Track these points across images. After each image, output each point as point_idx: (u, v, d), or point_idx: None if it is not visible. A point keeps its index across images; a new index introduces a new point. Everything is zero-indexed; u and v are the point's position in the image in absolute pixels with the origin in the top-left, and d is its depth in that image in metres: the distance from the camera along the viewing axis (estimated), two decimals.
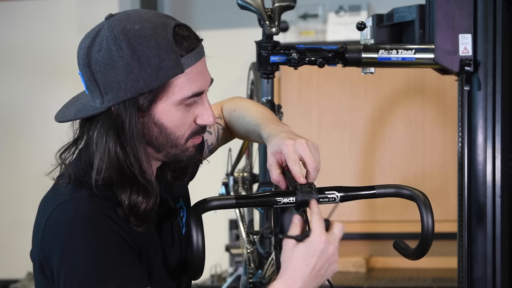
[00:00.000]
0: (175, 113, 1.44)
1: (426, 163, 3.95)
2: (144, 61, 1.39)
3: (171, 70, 1.41)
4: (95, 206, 1.41)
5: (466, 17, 2.09)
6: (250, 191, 2.74)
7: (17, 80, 4.48)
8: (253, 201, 1.48)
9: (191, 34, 1.46)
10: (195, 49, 1.45)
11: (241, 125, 1.73)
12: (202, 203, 1.42)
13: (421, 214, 1.43)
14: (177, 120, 1.45)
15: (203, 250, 1.40)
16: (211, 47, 4.67)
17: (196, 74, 1.44)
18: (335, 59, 2.08)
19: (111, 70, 1.40)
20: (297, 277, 1.38)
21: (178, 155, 1.48)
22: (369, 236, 4.04)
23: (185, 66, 1.42)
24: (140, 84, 1.39)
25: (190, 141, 1.48)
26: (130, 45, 1.39)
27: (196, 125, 1.48)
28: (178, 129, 1.46)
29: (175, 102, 1.43)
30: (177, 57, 1.41)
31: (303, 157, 1.47)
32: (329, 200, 1.44)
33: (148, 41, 1.40)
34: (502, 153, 2.10)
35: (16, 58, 4.49)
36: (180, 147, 1.47)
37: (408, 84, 3.97)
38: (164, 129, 1.45)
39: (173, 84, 1.42)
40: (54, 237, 1.40)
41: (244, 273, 2.48)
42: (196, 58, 1.45)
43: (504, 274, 2.10)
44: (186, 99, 1.44)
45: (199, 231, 1.38)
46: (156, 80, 1.40)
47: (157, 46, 1.40)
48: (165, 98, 1.42)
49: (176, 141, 1.46)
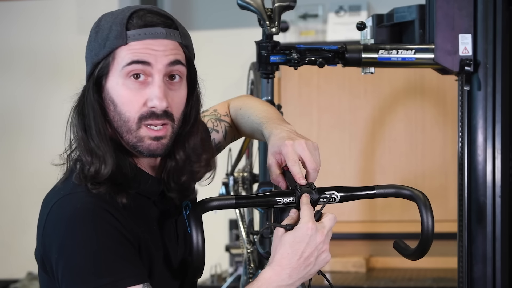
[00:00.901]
0: (122, 87, 1.45)
1: (426, 163, 3.95)
2: (99, 33, 1.47)
3: (114, 40, 1.44)
4: (95, 200, 1.42)
5: (466, 17, 2.09)
6: (250, 191, 2.74)
7: (18, 80, 4.48)
8: (253, 201, 1.49)
9: (153, 16, 1.47)
10: (150, 27, 1.45)
11: (246, 124, 1.73)
12: (202, 203, 1.42)
13: (421, 214, 1.43)
14: (125, 96, 1.45)
15: (203, 250, 1.40)
16: (211, 47, 4.73)
17: (142, 48, 1.44)
18: (335, 59, 2.08)
19: (87, 46, 1.49)
20: (285, 263, 1.39)
21: (136, 144, 1.46)
22: (369, 236, 4.04)
23: (130, 39, 1.44)
24: (92, 54, 1.46)
25: (144, 129, 1.46)
26: (98, 20, 1.48)
27: (147, 109, 1.45)
28: (126, 108, 1.45)
29: (119, 73, 1.45)
30: (123, 29, 1.44)
31: (303, 157, 1.47)
32: (329, 200, 1.44)
33: (110, 16, 1.47)
34: (502, 153, 2.10)
35: (16, 58, 4.49)
36: (134, 133, 1.46)
37: (408, 84, 3.97)
38: (115, 106, 1.46)
39: (117, 55, 1.45)
40: (53, 231, 1.41)
41: (244, 273, 2.48)
42: (149, 36, 1.45)
43: (504, 274, 2.10)
44: (126, 67, 1.44)
45: (199, 231, 1.38)
46: (103, 49, 1.45)
47: (113, 21, 1.46)
48: (113, 70, 1.45)
49: (128, 124, 1.46)
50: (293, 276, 1.40)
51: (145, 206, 1.51)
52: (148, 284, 1.39)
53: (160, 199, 1.54)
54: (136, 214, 1.47)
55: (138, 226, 1.46)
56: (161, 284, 1.50)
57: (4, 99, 4.52)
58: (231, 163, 2.83)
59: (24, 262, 4.08)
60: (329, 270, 3.87)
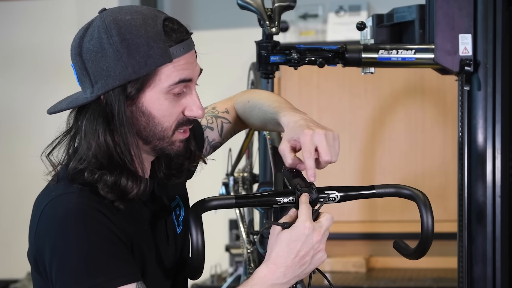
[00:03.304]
0: (163, 102, 1.46)
1: (426, 163, 3.95)
2: (133, 48, 1.42)
3: (160, 58, 1.43)
4: (86, 200, 1.42)
5: (466, 17, 2.09)
6: (250, 191, 2.74)
7: (18, 80, 4.48)
8: (253, 201, 1.49)
9: (181, 27, 1.48)
10: (184, 41, 1.47)
11: (257, 115, 1.72)
12: (202, 203, 1.42)
13: (421, 214, 1.43)
14: (165, 109, 1.46)
15: (203, 250, 1.40)
16: (211, 47, 4.72)
17: (184, 63, 1.46)
18: (335, 59, 2.09)
19: (101, 58, 1.43)
20: (280, 262, 1.39)
21: (165, 148, 1.49)
22: (369, 236, 4.04)
23: (174, 56, 1.44)
24: (129, 71, 1.42)
25: (177, 134, 1.49)
26: (120, 33, 1.42)
27: (184, 116, 1.49)
28: (165, 119, 1.47)
29: (163, 90, 1.45)
30: (166, 46, 1.43)
31: (319, 147, 1.45)
32: (329, 200, 1.44)
33: (138, 30, 1.43)
34: (502, 153, 2.10)
35: (16, 58, 4.49)
36: (167, 140, 1.48)
37: (408, 84, 3.97)
38: (152, 119, 1.46)
39: (161, 72, 1.44)
40: (46, 232, 1.42)
41: (244, 273, 2.48)
42: (185, 50, 1.47)
43: (504, 274, 2.10)
44: (174, 86, 1.45)
45: (199, 231, 1.38)
46: (145, 67, 1.42)
47: (147, 35, 1.43)
48: (153, 86, 1.44)
49: (163, 133, 1.47)
50: (288, 275, 1.40)
51: (136, 207, 1.52)
52: (141, 283, 1.40)
53: (150, 200, 1.55)
54: (128, 215, 1.48)
55: (130, 226, 1.47)
56: (154, 284, 1.51)
57: (5, 99, 4.52)
58: (231, 163, 2.83)
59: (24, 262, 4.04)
60: (329, 270, 3.87)
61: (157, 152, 1.51)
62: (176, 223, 1.63)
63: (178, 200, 1.65)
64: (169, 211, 1.59)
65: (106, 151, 1.45)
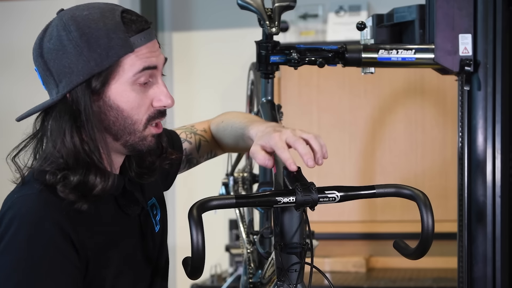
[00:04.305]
0: (130, 93, 1.45)
1: (426, 163, 3.95)
2: (93, 41, 1.42)
3: (121, 49, 1.43)
4: (38, 204, 1.43)
5: (466, 17, 2.09)
6: (250, 191, 2.74)
7: (18, 80, 4.48)
8: (253, 201, 1.48)
9: (139, 18, 1.48)
10: (145, 30, 1.47)
11: (229, 134, 1.75)
12: (202, 203, 1.42)
13: (421, 214, 1.43)
14: (133, 101, 1.46)
15: (203, 250, 1.40)
16: (211, 47, 4.70)
17: (147, 52, 1.46)
18: (335, 59, 2.08)
19: (62, 55, 1.43)
20: None
21: (137, 143, 1.49)
22: (369, 236, 4.04)
23: (135, 45, 1.44)
24: (91, 65, 1.42)
25: (149, 129, 1.49)
26: (79, 28, 1.43)
27: (154, 109, 1.48)
28: (135, 112, 1.46)
29: (128, 81, 1.44)
30: (126, 37, 1.43)
31: (291, 144, 1.45)
32: (329, 199, 1.44)
33: (96, 23, 1.43)
34: (502, 153, 2.10)
35: (16, 58, 4.49)
36: (139, 134, 1.48)
37: (408, 84, 3.97)
38: (121, 112, 1.46)
39: (124, 62, 1.44)
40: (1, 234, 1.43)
41: (244, 273, 2.48)
42: (146, 39, 1.47)
43: (504, 274, 2.10)
44: (139, 75, 1.45)
45: (199, 231, 1.38)
46: (107, 59, 1.42)
47: (106, 27, 1.43)
48: (117, 77, 1.44)
49: (134, 126, 1.47)
50: None
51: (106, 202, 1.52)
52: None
53: (121, 195, 1.55)
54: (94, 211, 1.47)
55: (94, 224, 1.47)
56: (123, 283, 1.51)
57: (4, 99, 4.52)
58: (231, 163, 2.82)
59: None
60: (329, 270, 3.87)
61: (128, 149, 1.50)
62: (154, 222, 1.64)
63: (154, 201, 1.66)
64: (141, 206, 1.59)
65: (73, 150, 1.44)
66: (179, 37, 4.40)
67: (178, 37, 4.40)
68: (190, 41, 4.39)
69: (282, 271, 1.50)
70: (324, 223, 3.88)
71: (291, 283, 1.49)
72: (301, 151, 1.44)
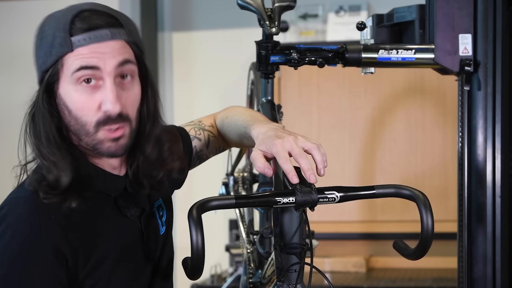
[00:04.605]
0: (73, 93, 1.45)
1: (426, 163, 3.95)
2: (43, 39, 1.46)
3: (59, 48, 1.44)
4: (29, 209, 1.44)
5: (466, 17, 2.09)
6: (250, 191, 2.74)
7: (17, 80, 4.48)
8: (253, 201, 1.48)
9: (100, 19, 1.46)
10: (93, 31, 1.44)
11: (233, 131, 1.73)
12: (202, 203, 1.42)
13: (420, 214, 1.43)
14: (77, 101, 1.45)
15: (203, 250, 1.40)
16: (211, 47, 4.69)
17: (89, 53, 1.44)
18: (335, 59, 2.08)
19: (34, 51, 1.49)
20: None
21: (95, 146, 1.48)
22: (369, 236, 4.03)
23: (75, 45, 1.44)
24: (40, 62, 1.47)
25: (102, 132, 1.47)
26: (41, 26, 1.47)
27: (103, 114, 1.46)
28: (82, 113, 1.46)
29: (70, 80, 1.45)
30: (67, 36, 1.43)
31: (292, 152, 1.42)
32: (329, 200, 1.43)
33: (52, 21, 1.46)
34: (502, 153, 2.10)
35: (16, 58, 4.49)
36: (92, 136, 1.47)
37: (408, 84, 3.97)
38: (69, 112, 1.46)
39: (65, 62, 1.44)
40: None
41: (244, 273, 2.48)
42: (93, 40, 1.44)
43: (504, 274, 2.10)
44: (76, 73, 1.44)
45: (199, 231, 1.38)
46: (49, 57, 1.45)
47: (56, 26, 1.45)
48: (63, 77, 1.45)
49: (85, 127, 1.46)
50: None
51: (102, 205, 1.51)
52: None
53: (123, 196, 1.55)
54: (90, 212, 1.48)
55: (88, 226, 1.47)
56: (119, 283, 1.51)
57: (4, 99, 4.52)
58: (231, 163, 2.82)
59: None
60: (329, 270, 3.87)
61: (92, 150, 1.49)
62: (160, 223, 1.63)
63: (160, 202, 1.65)
64: (141, 208, 1.58)
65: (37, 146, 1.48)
66: (179, 37, 4.40)
67: (178, 37, 4.40)
68: (190, 41, 4.39)
69: (282, 271, 1.50)
70: (324, 223, 3.88)
71: (291, 283, 1.49)
72: (304, 167, 1.41)
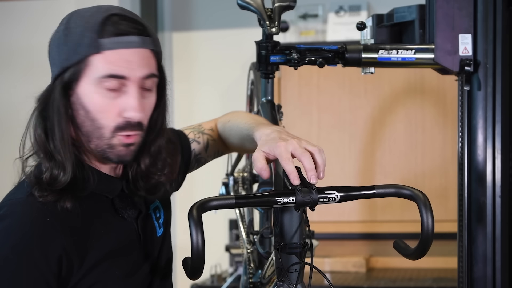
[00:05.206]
0: (94, 95, 1.45)
1: (426, 163, 3.95)
2: (69, 36, 1.45)
3: (87, 48, 1.44)
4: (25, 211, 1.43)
5: (466, 17, 2.09)
6: (250, 191, 2.74)
7: (17, 80, 4.48)
8: (253, 201, 1.48)
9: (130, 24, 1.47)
10: (124, 36, 1.45)
11: (235, 134, 1.73)
12: (202, 203, 1.42)
13: (421, 214, 1.43)
14: (98, 104, 1.45)
15: (203, 250, 1.40)
16: (211, 47, 4.69)
17: (117, 59, 1.44)
18: (335, 59, 2.08)
19: (52, 45, 1.49)
20: None
21: (105, 151, 1.47)
22: (369, 236, 4.03)
23: (104, 47, 1.43)
24: (63, 58, 1.46)
25: (118, 137, 1.47)
26: (67, 22, 1.47)
27: (123, 119, 1.46)
28: (101, 116, 1.45)
29: (93, 82, 1.44)
30: (96, 37, 1.43)
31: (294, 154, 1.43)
32: (329, 200, 1.43)
33: (81, 20, 1.46)
34: (502, 153, 2.10)
35: (16, 58, 4.49)
36: (106, 140, 1.46)
37: (408, 84, 3.97)
38: (87, 113, 1.46)
39: (90, 63, 1.44)
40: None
41: (244, 273, 2.48)
42: (123, 46, 1.44)
43: (504, 274, 2.10)
44: (103, 79, 1.44)
45: (199, 231, 1.38)
46: (74, 55, 1.44)
47: (85, 25, 1.45)
48: (85, 76, 1.45)
49: (101, 130, 1.46)
50: None
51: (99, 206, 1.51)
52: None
53: (120, 197, 1.55)
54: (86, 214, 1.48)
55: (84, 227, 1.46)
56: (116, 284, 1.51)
57: (4, 99, 4.52)
58: (231, 163, 2.82)
59: None
60: (329, 270, 3.87)
61: (100, 155, 1.48)
62: (157, 225, 1.63)
63: (157, 203, 1.65)
64: (138, 209, 1.59)
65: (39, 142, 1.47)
66: (179, 37, 4.40)
67: (178, 37, 4.40)
68: (190, 41, 4.39)
69: (282, 271, 1.50)
70: (324, 223, 3.88)
71: (291, 283, 1.49)
72: (307, 166, 1.42)
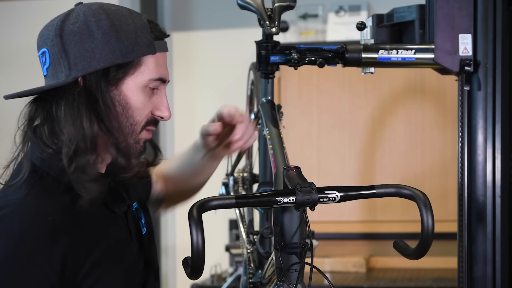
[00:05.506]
0: (140, 94, 1.48)
1: (426, 163, 3.95)
2: (122, 33, 1.44)
3: (146, 48, 1.46)
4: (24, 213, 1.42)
5: (466, 17, 2.09)
6: (250, 191, 2.74)
7: (16, 80, 4.48)
8: (253, 201, 1.48)
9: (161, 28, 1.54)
10: (163, 40, 1.52)
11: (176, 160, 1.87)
12: (202, 203, 1.42)
13: (421, 214, 1.43)
14: (140, 102, 1.48)
15: (203, 250, 1.40)
16: (211, 47, 4.69)
17: (163, 62, 1.50)
18: (335, 59, 2.08)
19: (86, 39, 1.44)
20: None
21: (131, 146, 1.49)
22: (369, 236, 4.04)
23: (156, 49, 1.48)
24: (116, 54, 1.44)
25: (143, 133, 1.51)
26: (109, 18, 1.45)
27: (152, 116, 1.52)
28: (138, 113, 1.49)
29: (143, 82, 1.47)
30: (151, 38, 1.47)
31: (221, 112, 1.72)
32: (329, 199, 1.44)
33: (125, 19, 1.46)
34: (502, 153, 2.10)
35: (16, 58, 4.49)
36: (135, 136, 1.49)
37: (408, 84, 3.97)
38: (127, 109, 1.47)
39: (144, 63, 1.47)
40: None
41: (244, 273, 2.48)
42: (164, 48, 1.52)
43: (504, 274, 2.10)
44: (153, 81, 1.48)
45: (199, 231, 1.38)
46: (132, 53, 1.44)
47: (135, 25, 1.46)
48: (135, 75, 1.46)
49: (134, 127, 1.49)
50: None
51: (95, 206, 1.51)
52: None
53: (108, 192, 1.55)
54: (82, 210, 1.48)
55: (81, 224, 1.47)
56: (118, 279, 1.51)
57: (3, 98, 4.52)
58: (231, 163, 2.82)
59: None
60: (329, 270, 3.87)
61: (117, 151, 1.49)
62: (141, 225, 1.64)
63: (136, 205, 1.66)
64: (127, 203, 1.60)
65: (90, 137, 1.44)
66: (179, 37, 4.40)
67: (178, 37, 4.40)
68: (190, 41, 4.39)
69: (282, 271, 1.50)
70: (324, 223, 3.88)
71: (291, 283, 1.49)
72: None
